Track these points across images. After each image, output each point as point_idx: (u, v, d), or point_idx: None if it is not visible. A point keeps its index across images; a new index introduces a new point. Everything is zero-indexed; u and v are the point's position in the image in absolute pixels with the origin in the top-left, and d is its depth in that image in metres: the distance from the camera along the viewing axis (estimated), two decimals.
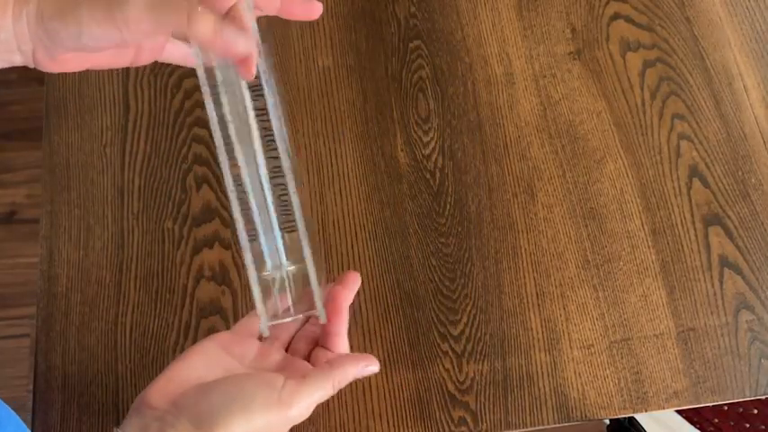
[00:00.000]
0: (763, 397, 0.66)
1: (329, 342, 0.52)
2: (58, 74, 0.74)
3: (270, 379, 0.47)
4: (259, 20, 0.47)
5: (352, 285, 0.54)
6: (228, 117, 0.46)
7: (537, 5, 0.79)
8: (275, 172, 0.48)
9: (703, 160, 0.73)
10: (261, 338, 0.52)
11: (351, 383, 0.63)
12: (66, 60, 0.44)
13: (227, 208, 0.69)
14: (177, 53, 0.49)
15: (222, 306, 0.66)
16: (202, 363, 0.48)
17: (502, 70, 0.76)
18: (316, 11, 0.48)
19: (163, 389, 0.46)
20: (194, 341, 0.65)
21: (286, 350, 0.53)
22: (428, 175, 0.72)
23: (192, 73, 0.49)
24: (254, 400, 0.45)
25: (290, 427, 0.48)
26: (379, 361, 0.65)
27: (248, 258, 0.48)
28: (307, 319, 0.55)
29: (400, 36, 0.77)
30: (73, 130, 0.72)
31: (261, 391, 0.46)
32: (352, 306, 0.67)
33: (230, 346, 0.50)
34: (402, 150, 0.73)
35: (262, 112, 0.47)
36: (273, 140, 0.48)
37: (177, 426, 0.43)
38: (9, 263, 1.45)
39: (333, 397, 0.63)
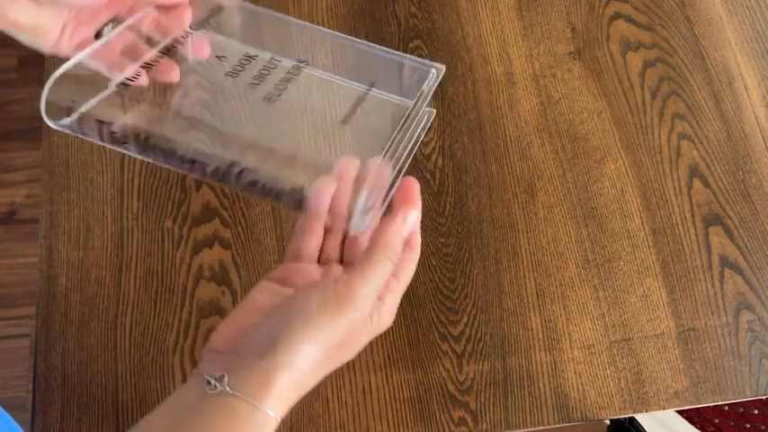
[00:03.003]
0: (764, 397, 0.66)
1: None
2: None
3: (320, 284, 0.42)
4: None
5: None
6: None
7: (537, 5, 0.79)
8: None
9: (704, 160, 0.72)
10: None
11: (351, 383, 0.64)
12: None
13: (228, 208, 0.69)
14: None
15: (222, 306, 0.66)
16: (263, 299, 0.44)
17: (502, 70, 0.76)
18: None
19: (226, 334, 0.43)
20: (194, 341, 0.65)
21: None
22: (428, 175, 0.71)
23: None
24: (309, 307, 0.40)
25: (374, 333, 0.43)
26: (379, 361, 0.65)
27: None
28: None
29: (400, 36, 0.77)
30: None
31: (314, 296, 0.41)
32: None
33: (286, 277, 0.46)
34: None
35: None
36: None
37: (243, 362, 0.40)
38: (9, 263, 1.45)
39: (333, 397, 0.63)
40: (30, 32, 0.45)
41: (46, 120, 0.42)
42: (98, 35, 0.49)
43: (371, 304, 0.42)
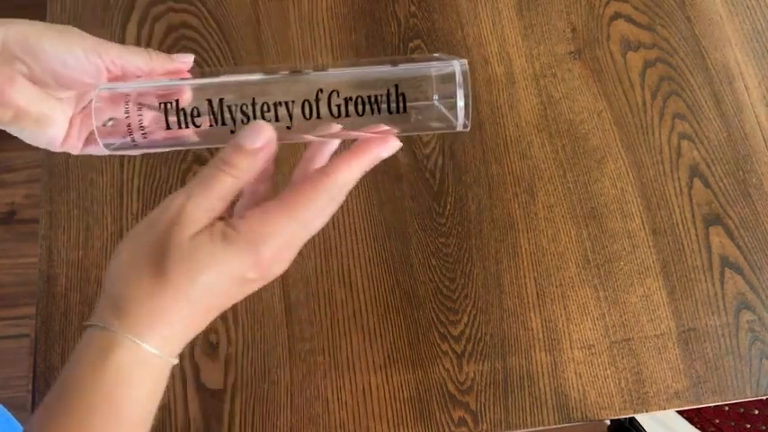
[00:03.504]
0: (764, 397, 0.66)
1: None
2: None
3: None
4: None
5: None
6: None
7: (537, 5, 0.79)
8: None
9: (704, 160, 0.72)
10: None
11: (351, 383, 0.63)
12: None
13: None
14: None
15: None
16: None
17: (502, 70, 0.76)
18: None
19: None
20: (193, 341, 0.64)
21: None
22: (428, 175, 0.71)
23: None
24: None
25: (241, 263, 0.38)
26: (379, 361, 0.65)
27: None
28: None
29: (400, 36, 0.77)
30: None
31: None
32: (351, 306, 0.67)
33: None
34: (402, 150, 0.72)
35: None
36: None
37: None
38: (9, 263, 1.45)
39: (333, 398, 0.63)
40: (35, 123, 0.43)
41: (102, 146, 0.42)
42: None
43: (196, 208, 0.38)
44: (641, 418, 0.98)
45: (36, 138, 0.45)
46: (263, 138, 0.39)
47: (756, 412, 0.95)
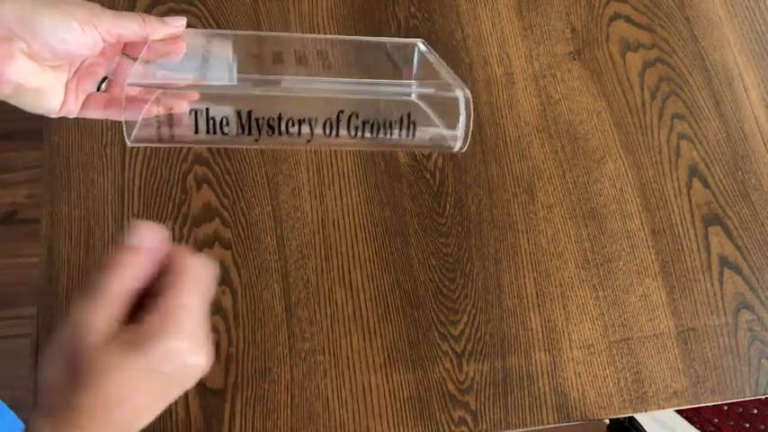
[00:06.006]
0: (763, 397, 0.66)
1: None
2: None
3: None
4: None
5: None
6: None
7: (537, 5, 0.79)
8: None
9: (703, 160, 0.73)
10: None
11: (351, 383, 0.64)
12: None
13: (228, 208, 0.69)
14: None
15: (222, 306, 0.66)
16: None
17: (502, 70, 0.76)
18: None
19: None
20: None
21: None
22: (428, 175, 0.72)
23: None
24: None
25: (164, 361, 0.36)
26: (379, 361, 0.65)
27: None
28: None
29: (400, 36, 0.77)
30: (73, 130, 0.72)
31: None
32: (351, 306, 0.67)
33: None
34: (402, 150, 0.73)
35: None
36: None
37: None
38: (9, 263, 1.45)
39: (333, 397, 0.63)
40: (33, 95, 0.45)
41: (129, 141, 0.44)
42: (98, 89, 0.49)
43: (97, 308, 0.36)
44: (640, 418, 0.98)
45: (35, 107, 0.46)
46: (146, 237, 0.38)
47: (755, 412, 0.95)
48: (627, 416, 0.92)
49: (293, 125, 0.44)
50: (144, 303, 0.37)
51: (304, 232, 0.68)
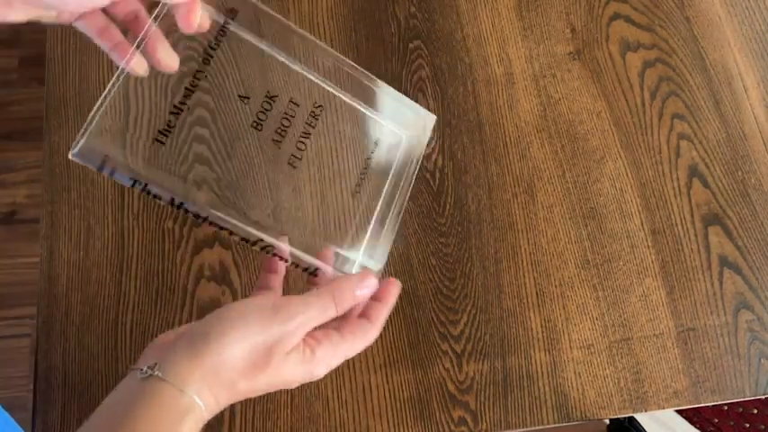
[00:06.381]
0: (763, 397, 0.66)
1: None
2: (59, 74, 0.74)
3: (264, 295, 0.48)
4: None
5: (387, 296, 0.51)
6: None
7: (537, 5, 0.79)
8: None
9: (703, 160, 0.73)
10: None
11: (351, 383, 0.64)
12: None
13: None
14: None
15: (223, 306, 0.66)
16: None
17: (502, 70, 0.76)
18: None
19: (170, 336, 0.45)
20: None
21: None
22: (428, 175, 0.72)
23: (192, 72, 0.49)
24: (246, 309, 0.43)
25: (304, 375, 0.44)
26: (379, 361, 0.65)
27: None
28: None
29: (400, 36, 0.77)
30: (73, 130, 0.72)
31: (253, 301, 0.44)
32: None
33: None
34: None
35: None
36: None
37: (175, 350, 0.41)
38: (9, 263, 1.46)
39: (333, 397, 0.63)
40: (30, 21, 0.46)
41: (72, 157, 0.44)
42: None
43: (303, 330, 0.43)
44: (640, 418, 0.98)
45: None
46: (370, 287, 0.48)
47: (755, 411, 0.95)
48: (627, 416, 0.92)
49: (210, 224, 0.47)
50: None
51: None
